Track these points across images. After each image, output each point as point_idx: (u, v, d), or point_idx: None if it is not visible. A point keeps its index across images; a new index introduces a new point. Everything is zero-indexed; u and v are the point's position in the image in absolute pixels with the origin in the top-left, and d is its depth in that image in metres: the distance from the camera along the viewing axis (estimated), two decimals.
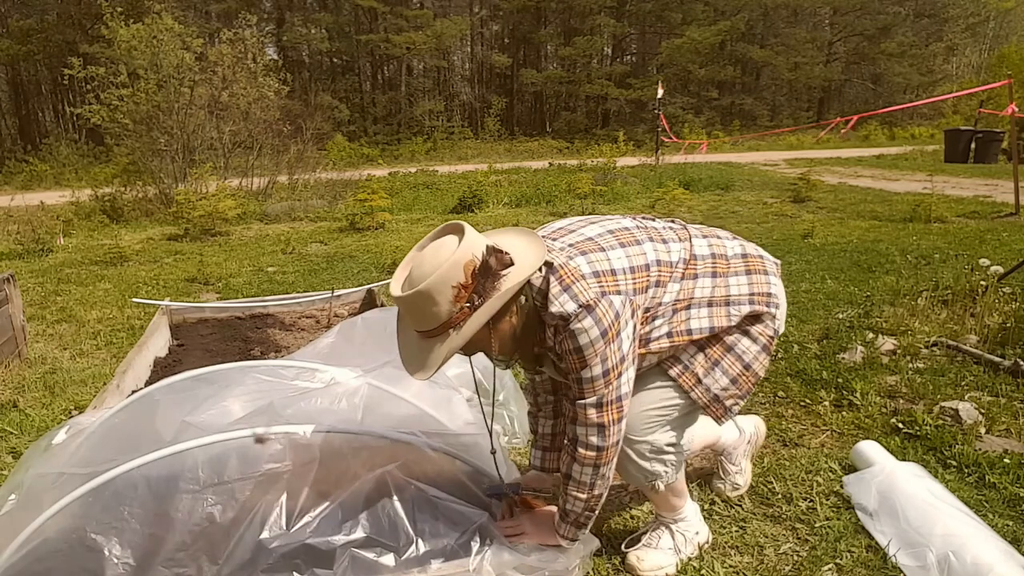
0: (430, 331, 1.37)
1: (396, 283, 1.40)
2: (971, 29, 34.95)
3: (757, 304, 1.56)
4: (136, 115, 9.78)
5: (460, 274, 1.33)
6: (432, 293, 1.32)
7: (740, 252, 1.65)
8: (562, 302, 1.38)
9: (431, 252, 1.38)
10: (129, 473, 1.45)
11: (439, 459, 1.70)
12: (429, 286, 1.31)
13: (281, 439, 1.55)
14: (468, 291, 1.34)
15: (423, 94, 33.45)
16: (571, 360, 1.42)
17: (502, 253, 1.37)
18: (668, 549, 1.74)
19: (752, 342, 1.56)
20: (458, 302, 1.33)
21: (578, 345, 1.39)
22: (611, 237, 1.51)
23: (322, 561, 1.46)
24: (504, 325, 1.43)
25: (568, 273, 1.40)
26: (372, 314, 2.85)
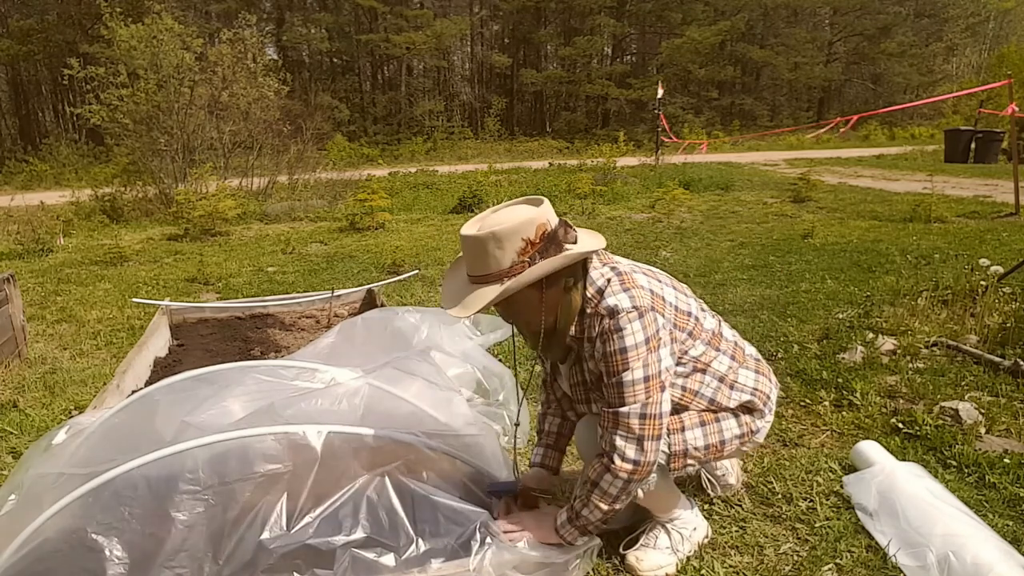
0: (485, 276, 1.46)
1: (469, 227, 1.49)
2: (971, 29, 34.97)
3: (757, 399, 1.69)
4: (136, 115, 9.78)
5: (532, 231, 1.44)
6: (503, 238, 1.42)
7: (755, 355, 1.79)
8: (619, 298, 1.47)
9: (507, 210, 1.50)
10: (129, 473, 1.45)
11: (439, 459, 1.70)
12: (503, 231, 1.42)
13: (281, 439, 1.55)
14: (533, 248, 1.45)
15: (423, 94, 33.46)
16: (614, 361, 1.47)
17: (571, 229, 1.50)
18: (666, 548, 1.75)
19: (737, 426, 1.67)
20: (522, 255, 1.44)
21: (624, 345, 1.45)
22: (665, 277, 1.66)
23: (322, 561, 1.46)
24: (554, 294, 1.51)
25: (630, 279, 1.52)
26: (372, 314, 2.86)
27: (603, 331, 1.47)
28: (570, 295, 1.53)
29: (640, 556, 1.72)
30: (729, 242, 6.26)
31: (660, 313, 1.51)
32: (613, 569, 1.75)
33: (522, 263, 1.44)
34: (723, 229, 6.97)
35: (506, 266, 1.44)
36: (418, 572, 1.48)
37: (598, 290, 1.51)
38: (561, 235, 1.47)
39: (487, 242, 1.43)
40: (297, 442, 1.56)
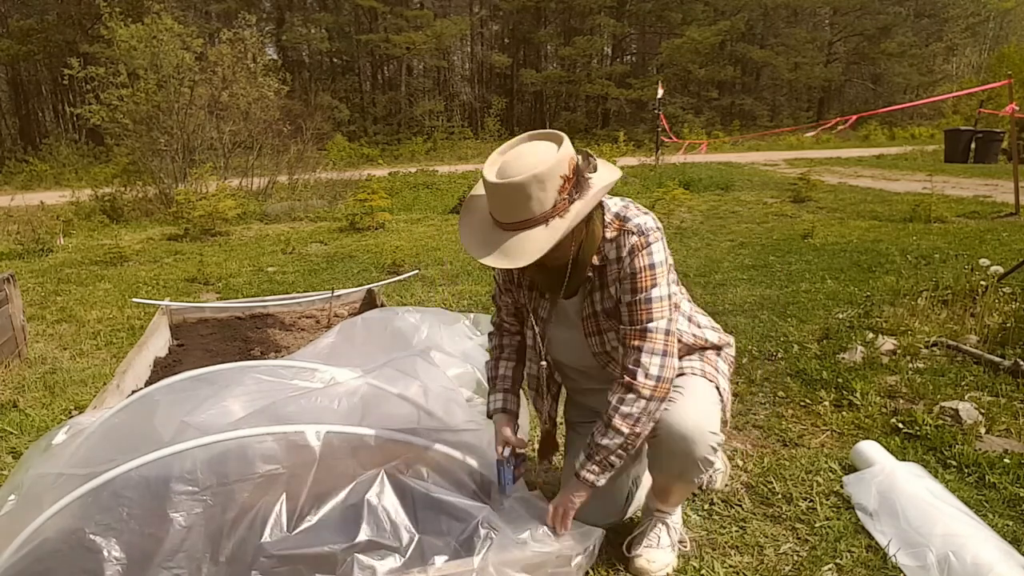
0: (528, 220, 1.42)
1: (496, 172, 1.45)
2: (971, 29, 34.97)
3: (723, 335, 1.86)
4: (136, 115, 9.78)
5: (566, 167, 1.43)
6: (545, 179, 1.40)
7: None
8: (643, 219, 1.56)
9: (529, 149, 1.47)
10: (128, 473, 1.45)
11: (439, 458, 1.70)
12: (545, 172, 1.39)
13: (280, 440, 1.55)
14: (569, 185, 1.44)
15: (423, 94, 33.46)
16: (644, 277, 1.53)
17: (592, 157, 1.50)
18: (668, 547, 1.75)
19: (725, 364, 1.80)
20: (561, 192, 1.43)
21: (652, 262, 1.53)
22: None
23: (324, 565, 1.46)
24: (594, 227, 1.56)
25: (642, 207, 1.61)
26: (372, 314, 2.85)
27: (633, 247, 1.53)
28: (593, 223, 1.56)
29: (650, 557, 1.72)
30: (729, 242, 6.26)
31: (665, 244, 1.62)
32: (613, 569, 1.75)
33: (563, 200, 1.43)
34: (723, 229, 6.97)
35: (549, 207, 1.42)
36: (419, 572, 1.48)
37: (616, 214, 1.57)
38: (583, 166, 1.48)
39: (529, 186, 1.39)
40: (296, 442, 1.56)
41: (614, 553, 1.80)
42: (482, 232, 1.50)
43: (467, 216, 1.57)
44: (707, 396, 1.65)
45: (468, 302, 4.38)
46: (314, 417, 1.63)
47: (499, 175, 1.43)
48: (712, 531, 1.89)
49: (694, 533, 1.88)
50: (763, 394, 2.82)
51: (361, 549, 1.48)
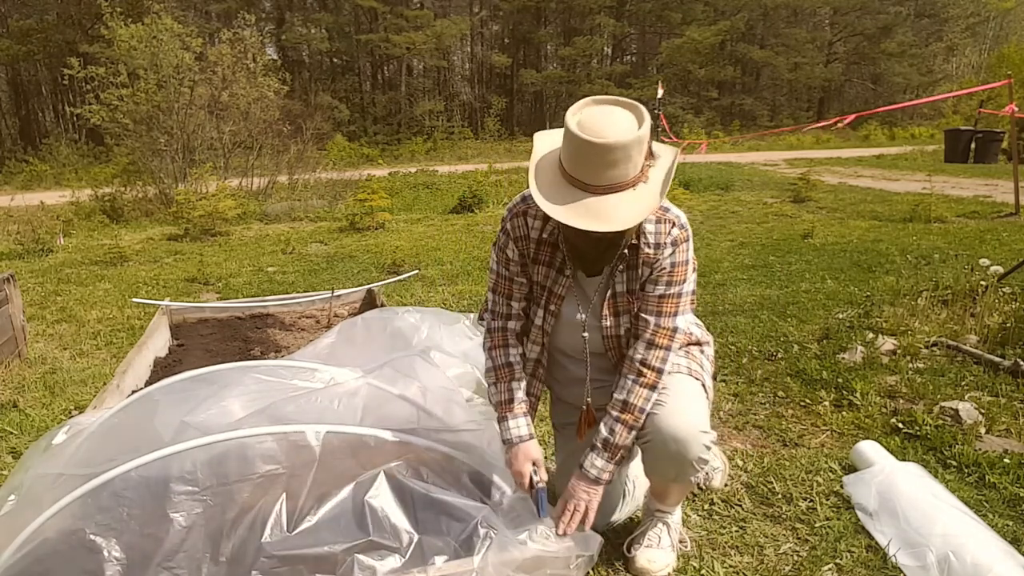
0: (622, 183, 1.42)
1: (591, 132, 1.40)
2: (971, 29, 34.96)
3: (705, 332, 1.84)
4: (136, 115, 9.78)
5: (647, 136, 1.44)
6: (643, 141, 1.42)
7: None
8: (678, 212, 1.60)
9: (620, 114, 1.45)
10: (128, 474, 1.45)
11: (439, 458, 1.70)
12: (644, 135, 1.41)
13: (280, 440, 1.55)
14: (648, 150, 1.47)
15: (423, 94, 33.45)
16: (678, 271, 1.57)
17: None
18: (668, 547, 1.75)
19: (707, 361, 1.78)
20: (646, 159, 1.46)
21: (687, 257, 1.58)
22: None
23: (324, 565, 1.46)
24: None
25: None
26: (372, 314, 2.85)
27: (676, 239, 1.56)
28: None
29: (652, 557, 1.71)
30: (729, 242, 6.26)
31: None
32: (613, 570, 1.75)
33: (645, 166, 1.45)
34: (723, 229, 6.97)
35: (638, 171, 1.43)
36: (419, 572, 1.47)
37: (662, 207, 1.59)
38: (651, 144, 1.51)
39: (632, 147, 1.39)
40: (296, 442, 1.56)
41: (614, 553, 1.80)
42: (562, 194, 1.45)
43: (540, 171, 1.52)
44: (696, 395, 1.65)
45: (468, 302, 4.38)
46: (314, 417, 1.62)
47: (595, 135, 1.38)
48: (712, 531, 1.89)
49: (694, 533, 1.88)
50: (763, 394, 2.82)
51: (361, 549, 1.48)
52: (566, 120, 1.45)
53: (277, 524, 1.47)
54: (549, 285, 1.68)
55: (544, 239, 1.65)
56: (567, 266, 1.65)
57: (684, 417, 1.57)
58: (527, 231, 1.66)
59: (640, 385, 1.57)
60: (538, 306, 1.71)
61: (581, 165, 1.42)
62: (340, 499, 1.55)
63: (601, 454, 1.59)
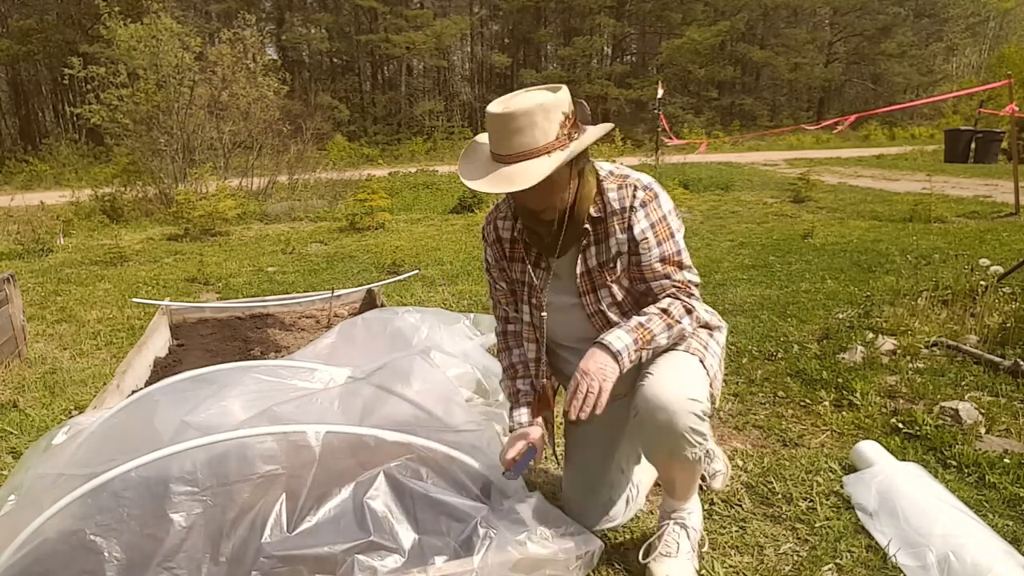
0: (529, 152, 1.44)
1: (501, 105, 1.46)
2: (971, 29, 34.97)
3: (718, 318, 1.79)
4: (136, 115, 9.78)
5: (567, 107, 1.47)
6: (551, 108, 1.43)
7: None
8: (639, 175, 1.60)
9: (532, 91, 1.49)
10: (128, 474, 1.45)
11: (439, 458, 1.70)
12: (551, 102, 1.43)
13: (280, 440, 1.55)
14: (569, 123, 1.48)
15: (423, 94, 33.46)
16: (663, 227, 1.57)
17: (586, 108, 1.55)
18: (687, 554, 1.66)
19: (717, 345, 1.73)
20: (563, 128, 1.46)
21: (665, 212, 1.57)
22: None
23: (324, 565, 1.46)
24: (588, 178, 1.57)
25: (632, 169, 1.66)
26: (372, 314, 2.85)
27: (644, 201, 1.56)
28: (587, 175, 1.57)
29: (668, 571, 1.62)
30: (729, 242, 6.26)
31: None
32: (612, 570, 1.74)
33: (564, 136, 1.46)
34: (723, 229, 6.97)
35: (552, 138, 1.44)
36: (419, 572, 1.48)
37: (610, 172, 1.61)
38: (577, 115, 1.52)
39: (535, 113, 1.41)
40: (296, 442, 1.56)
41: (615, 553, 1.79)
42: (482, 165, 1.51)
43: (467, 155, 1.58)
44: (687, 367, 1.58)
45: (468, 302, 4.38)
46: (314, 417, 1.63)
47: (500, 107, 1.45)
48: (712, 531, 1.89)
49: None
50: (763, 394, 2.82)
51: (361, 550, 1.48)
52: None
53: (277, 524, 1.47)
54: (528, 280, 1.72)
55: (516, 237, 1.71)
56: (542, 258, 1.69)
57: (671, 386, 1.51)
58: (498, 233, 1.76)
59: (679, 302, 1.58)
60: (523, 303, 1.76)
61: (494, 137, 1.48)
62: (340, 499, 1.55)
63: (630, 332, 1.52)
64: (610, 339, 1.50)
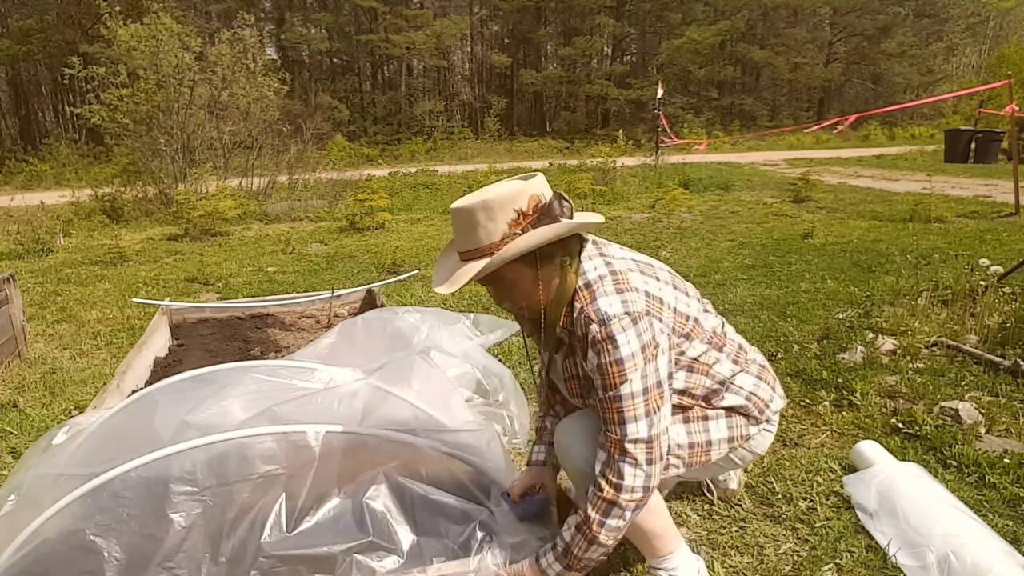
0: (475, 250, 1.38)
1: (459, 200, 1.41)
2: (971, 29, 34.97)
3: (752, 405, 1.56)
4: (136, 115, 9.78)
5: (524, 202, 1.35)
6: (494, 207, 1.34)
7: (761, 362, 1.65)
8: (611, 300, 1.35)
9: (501, 183, 1.41)
10: (128, 474, 1.45)
11: (439, 459, 1.70)
12: (493, 200, 1.34)
13: (280, 440, 1.55)
14: (526, 220, 1.35)
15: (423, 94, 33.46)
16: (610, 374, 1.34)
17: (567, 203, 1.39)
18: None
19: (726, 427, 1.54)
20: (514, 227, 1.35)
21: (620, 356, 1.32)
22: (666, 274, 1.53)
23: (323, 565, 1.46)
24: (549, 272, 1.41)
25: (625, 280, 1.40)
26: (372, 314, 2.85)
27: (594, 340, 1.34)
28: (565, 275, 1.42)
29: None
30: (729, 242, 6.26)
31: (656, 317, 1.38)
32: (613, 571, 1.74)
33: (513, 235, 1.35)
34: (723, 229, 6.97)
35: (497, 239, 1.35)
36: (418, 572, 1.48)
37: (587, 283, 1.40)
38: (556, 209, 1.37)
39: (476, 212, 1.34)
40: (296, 443, 1.56)
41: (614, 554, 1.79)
42: (447, 262, 1.47)
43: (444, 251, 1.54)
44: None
45: (468, 302, 4.38)
46: (314, 417, 1.63)
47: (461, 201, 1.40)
48: (712, 531, 1.89)
49: (694, 533, 1.88)
50: None
51: (360, 550, 1.48)
52: None
53: (276, 524, 1.47)
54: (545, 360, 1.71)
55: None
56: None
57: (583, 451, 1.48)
58: None
59: (598, 498, 1.37)
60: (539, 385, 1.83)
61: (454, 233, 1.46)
62: (340, 500, 1.55)
63: (560, 559, 1.42)
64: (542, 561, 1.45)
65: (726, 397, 1.54)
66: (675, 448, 1.49)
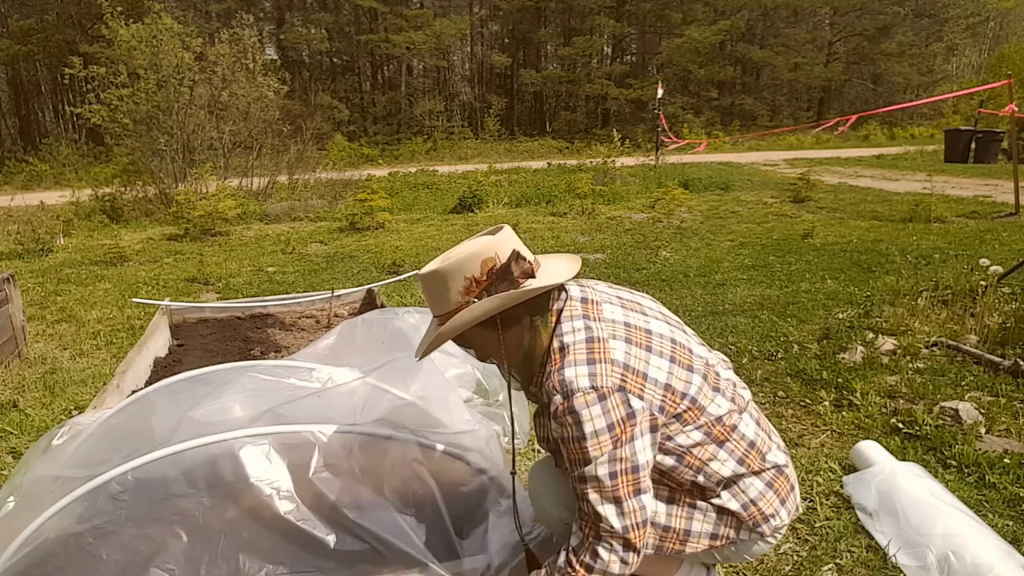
0: (439, 316, 1.39)
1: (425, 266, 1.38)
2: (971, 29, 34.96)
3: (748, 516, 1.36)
4: (136, 115, 9.78)
5: (476, 268, 1.31)
6: (446, 276, 1.32)
7: (780, 463, 1.41)
8: (578, 371, 1.24)
9: (466, 242, 1.37)
10: (126, 475, 1.45)
11: (439, 458, 1.70)
12: (444, 269, 1.32)
13: (279, 440, 1.55)
14: (480, 287, 1.31)
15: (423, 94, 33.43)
16: (572, 450, 1.24)
17: (526, 262, 1.32)
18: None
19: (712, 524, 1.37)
20: (467, 295, 1.32)
21: (581, 433, 1.22)
22: (668, 345, 1.35)
23: (322, 566, 1.46)
24: (513, 335, 1.34)
25: (602, 349, 1.27)
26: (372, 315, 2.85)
27: (556, 412, 1.24)
28: (536, 334, 1.33)
29: None
30: (729, 242, 6.26)
31: (635, 394, 1.24)
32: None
33: (466, 303, 1.32)
34: (723, 229, 6.97)
35: (453, 307, 1.33)
36: (418, 572, 1.48)
37: (561, 347, 1.29)
38: (514, 271, 1.30)
39: (432, 282, 1.34)
40: (295, 443, 1.56)
41: None
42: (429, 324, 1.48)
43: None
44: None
45: None
46: (313, 417, 1.63)
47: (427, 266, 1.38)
48: None
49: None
50: (763, 394, 2.82)
51: (359, 552, 1.48)
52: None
53: (276, 525, 1.47)
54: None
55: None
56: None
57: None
58: None
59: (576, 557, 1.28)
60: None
61: None
62: (340, 500, 1.55)
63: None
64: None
65: (722, 496, 1.35)
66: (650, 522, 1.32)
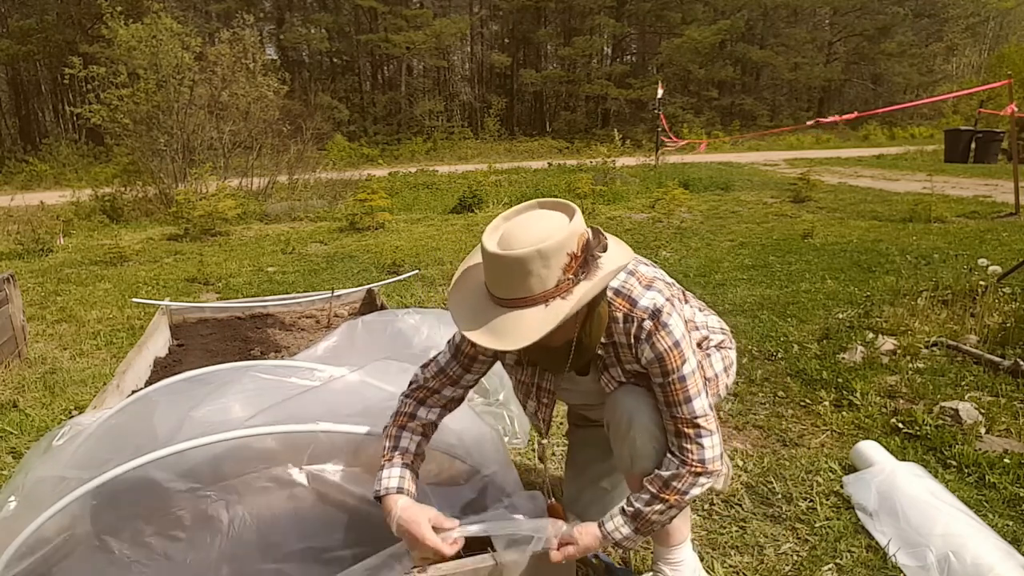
0: (526, 298, 1.28)
1: (495, 242, 1.30)
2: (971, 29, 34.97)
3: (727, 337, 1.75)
4: (136, 115, 9.78)
5: (575, 244, 1.29)
6: (550, 255, 1.25)
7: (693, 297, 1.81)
8: (651, 297, 1.41)
9: (537, 219, 1.32)
10: (127, 474, 1.45)
11: (439, 457, 1.70)
12: (549, 248, 1.25)
13: (280, 439, 1.55)
14: (576, 263, 1.29)
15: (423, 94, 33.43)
16: (671, 357, 1.40)
17: (602, 235, 1.36)
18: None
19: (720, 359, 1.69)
20: (567, 272, 1.28)
21: (674, 340, 1.40)
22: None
23: (325, 565, 1.46)
24: (601, 308, 1.42)
25: (644, 276, 1.46)
26: (372, 316, 2.85)
27: (649, 333, 1.39)
28: (599, 303, 1.41)
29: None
30: (729, 242, 6.26)
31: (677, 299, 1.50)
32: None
33: (567, 281, 1.28)
34: (723, 229, 6.97)
35: (551, 286, 1.27)
36: (419, 572, 1.48)
37: (618, 291, 1.42)
38: (594, 244, 1.34)
39: (531, 261, 1.24)
40: (296, 442, 1.56)
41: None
42: (474, 304, 1.35)
43: (460, 284, 1.41)
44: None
45: None
46: (317, 415, 1.63)
47: (500, 245, 1.28)
48: (712, 531, 1.89)
49: (694, 533, 1.88)
50: (763, 394, 2.82)
51: (362, 550, 1.48)
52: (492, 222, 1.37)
53: (277, 524, 1.47)
54: (537, 382, 1.63)
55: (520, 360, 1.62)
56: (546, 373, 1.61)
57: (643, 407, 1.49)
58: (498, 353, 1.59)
59: (687, 472, 1.42)
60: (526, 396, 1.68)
61: (488, 276, 1.34)
62: (340, 499, 1.55)
63: (629, 523, 1.45)
64: (609, 527, 1.46)
65: (711, 338, 1.71)
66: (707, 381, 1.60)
